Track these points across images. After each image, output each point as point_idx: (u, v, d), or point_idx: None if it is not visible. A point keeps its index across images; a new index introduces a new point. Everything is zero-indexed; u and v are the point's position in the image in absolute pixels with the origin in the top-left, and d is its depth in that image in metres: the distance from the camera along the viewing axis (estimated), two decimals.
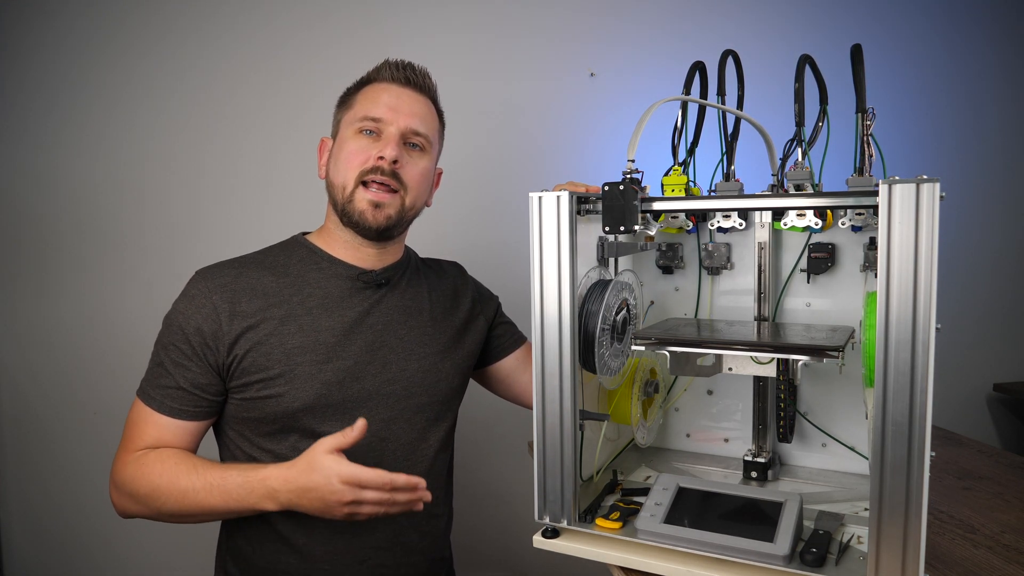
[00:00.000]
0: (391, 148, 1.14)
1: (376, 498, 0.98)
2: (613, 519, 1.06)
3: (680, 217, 1.27)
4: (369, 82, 1.21)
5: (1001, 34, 2.43)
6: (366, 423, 1.00)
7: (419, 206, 1.22)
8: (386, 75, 1.20)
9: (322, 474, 0.98)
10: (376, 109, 1.16)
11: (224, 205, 1.92)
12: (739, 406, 1.35)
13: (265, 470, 1.03)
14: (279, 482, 1.01)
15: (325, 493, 0.98)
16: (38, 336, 1.89)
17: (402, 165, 1.15)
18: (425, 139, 1.19)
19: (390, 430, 1.18)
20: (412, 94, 1.20)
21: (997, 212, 2.47)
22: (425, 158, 1.20)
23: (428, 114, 1.22)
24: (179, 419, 1.11)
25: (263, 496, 1.03)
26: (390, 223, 1.16)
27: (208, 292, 1.11)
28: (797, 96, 1.08)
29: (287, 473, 1.01)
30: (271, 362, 1.10)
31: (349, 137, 1.17)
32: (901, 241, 0.83)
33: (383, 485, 0.97)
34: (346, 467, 0.97)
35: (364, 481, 0.97)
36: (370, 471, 0.98)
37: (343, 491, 0.97)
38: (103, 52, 1.85)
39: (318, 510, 1.01)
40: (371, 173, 1.14)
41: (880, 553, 0.87)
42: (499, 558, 2.12)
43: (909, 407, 0.84)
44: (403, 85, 1.19)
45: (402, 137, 1.16)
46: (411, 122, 1.17)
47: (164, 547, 1.92)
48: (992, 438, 2.54)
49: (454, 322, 1.29)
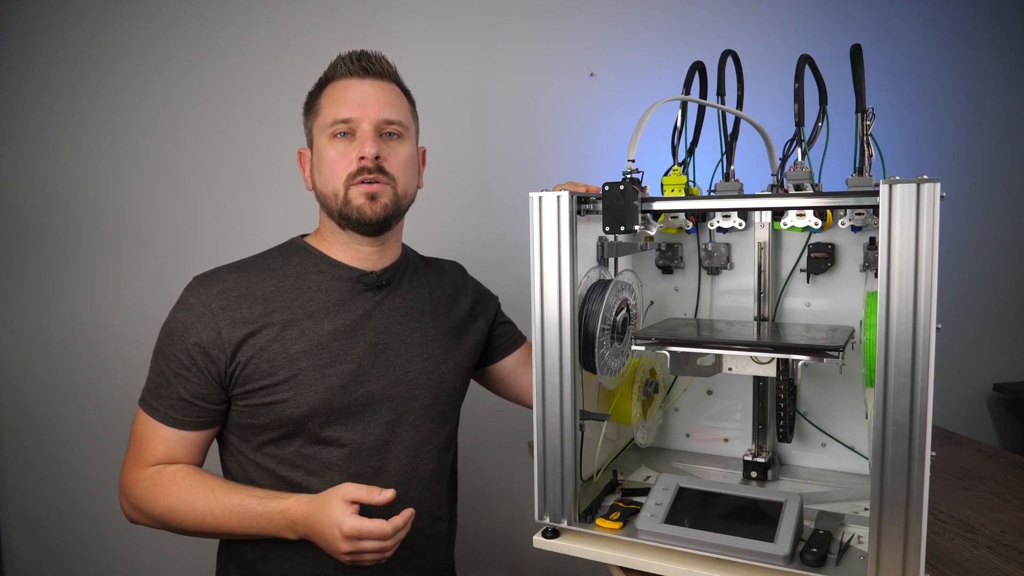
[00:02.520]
0: (369, 145, 1.12)
1: (375, 547, 0.99)
2: (613, 519, 1.06)
3: (680, 217, 1.27)
4: (328, 82, 1.18)
5: (1001, 34, 2.44)
6: (394, 494, 1.00)
7: (411, 192, 1.21)
8: (343, 71, 1.16)
9: (328, 520, 0.99)
10: (343, 110, 1.13)
11: (223, 205, 1.92)
12: (739, 406, 1.35)
13: (286, 501, 1.04)
14: (299, 515, 1.02)
15: (328, 538, 0.99)
16: (37, 337, 1.88)
17: (385, 158, 1.14)
18: (400, 125, 1.17)
19: (394, 433, 1.17)
20: (374, 83, 1.16)
21: (997, 212, 2.47)
22: (405, 144, 1.18)
23: (396, 99, 1.18)
24: (185, 430, 1.11)
25: (283, 527, 1.04)
26: (388, 212, 1.14)
27: (207, 300, 1.10)
28: (797, 96, 1.08)
29: (307, 508, 1.02)
30: (275, 368, 1.09)
31: (325, 144, 1.15)
32: (902, 241, 0.83)
33: (381, 536, 0.98)
34: (348, 520, 0.97)
35: (364, 534, 0.98)
36: (371, 524, 0.98)
37: (342, 544, 0.98)
38: (102, 53, 1.84)
39: (325, 549, 1.02)
40: (358, 175, 1.12)
41: (881, 553, 0.87)
42: (498, 558, 2.12)
43: (910, 407, 0.84)
44: (363, 77, 1.16)
45: (376, 130, 1.14)
46: (381, 113, 1.14)
47: (164, 548, 1.91)
48: (992, 438, 2.54)
49: (455, 322, 1.29)
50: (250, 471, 1.14)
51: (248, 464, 1.14)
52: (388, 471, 1.16)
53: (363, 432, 1.14)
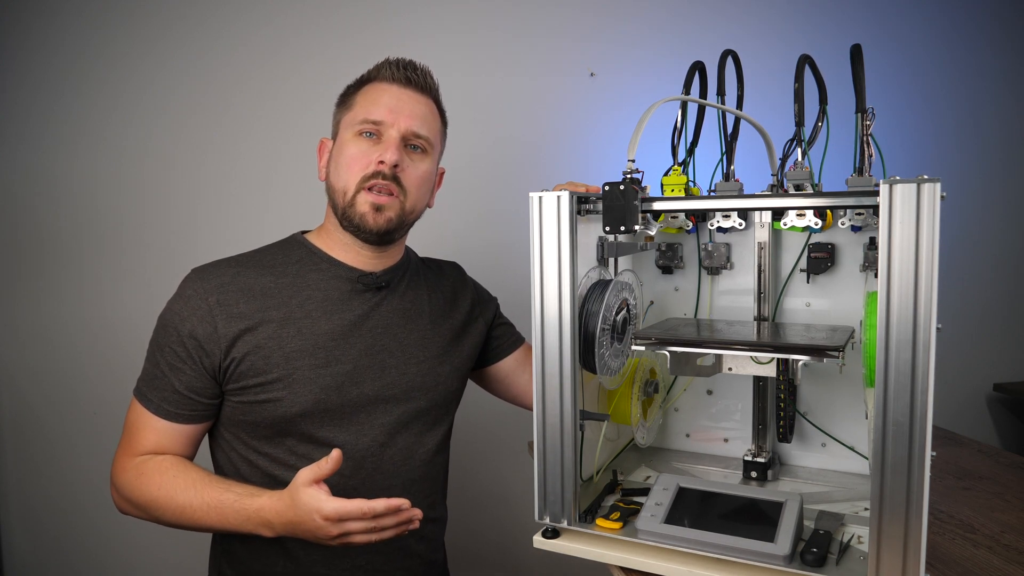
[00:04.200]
0: (391, 152, 1.11)
1: (361, 528, 0.97)
2: (613, 519, 1.06)
3: (680, 217, 1.27)
4: (369, 81, 1.18)
5: (1001, 34, 2.43)
6: (341, 454, 0.98)
7: (419, 209, 1.20)
8: (386, 75, 1.16)
9: (304, 510, 0.97)
10: (376, 111, 1.13)
11: (224, 204, 1.92)
12: (738, 406, 1.35)
13: (260, 499, 1.02)
14: (272, 514, 1.01)
15: (312, 528, 0.97)
16: (38, 336, 1.88)
17: (403, 169, 1.13)
18: (426, 141, 1.17)
19: (388, 435, 1.17)
20: (413, 94, 1.17)
21: (996, 212, 2.47)
22: (426, 160, 1.18)
23: (429, 115, 1.19)
24: (176, 423, 1.10)
25: (259, 525, 1.02)
26: (391, 226, 1.14)
27: (204, 293, 1.10)
28: (797, 96, 1.08)
29: (278, 505, 1.00)
30: (270, 366, 1.09)
31: (349, 140, 1.14)
32: (902, 241, 0.83)
33: (363, 515, 0.95)
34: (325, 503, 0.95)
35: (344, 514, 0.95)
36: (350, 504, 0.95)
37: (326, 527, 0.96)
38: (101, 53, 1.84)
39: (312, 539, 1.00)
40: (372, 178, 1.12)
41: (881, 553, 0.87)
42: (497, 558, 2.12)
43: (910, 407, 0.84)
44: (404, 85, 1.16)
45: (403, 140, 1.14)
46: (412, 124, 1.14)
47: (162, 547, 1.92)
48: (992, 438, 2.54)
49: (453, 324, 1.29)
50: (241, 468, 1.14)
51: (239, 461, 1.14)
52: (382, 472, 1.16)
53: (357, 434, 1.14)
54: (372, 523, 0.96)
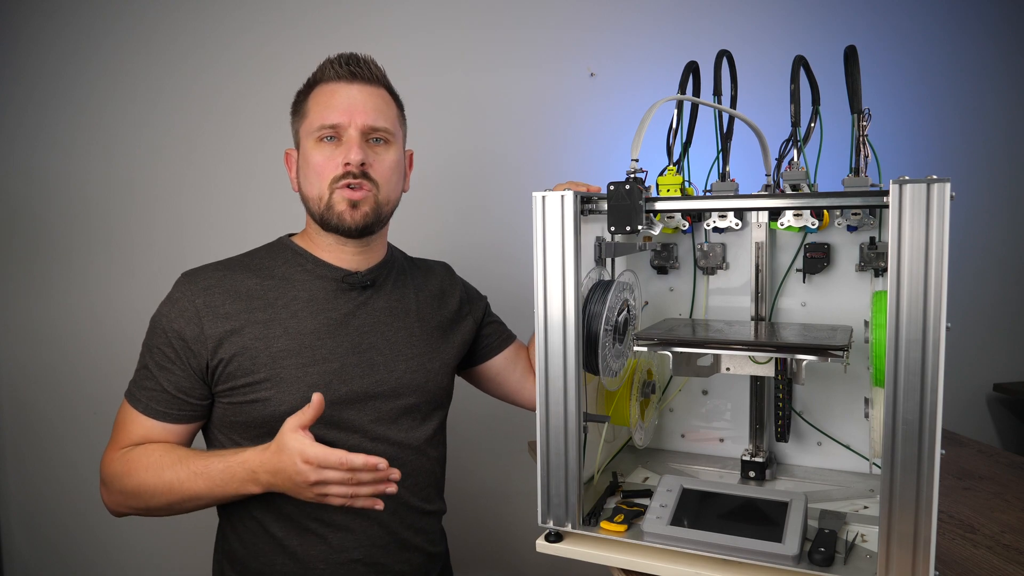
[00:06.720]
0: (355, 152, 1.11)
1: (339, 478, 0.97)
2: (617, 522, 1.05)
3: (676, 217, 1.26)
4: (316, 84, 1.17)
5: (1005, 32, 2.43)
6: (323, 397, 1.00)
7: (395, 198, 1.21)
8: (331, 74, 1.15)
9: (287, 454, 0.98)
10: (330, 115, 1.13)
11: (223, 204, 1.90)
12: (733, 406, 1.35)
13: (244, 453, 1.04)
14: (256, 463, 1.02)
15: (292, 473, 0.98)
16: (36, 337, 1.86)
17: (370, 164, 1.14)
18: (386, 132, 1.16)
19: (378, 431, 1.16)
20: (362, 88, 1.15)
21: (998, 212, 2.47)
22: (391, 150, 1.18)
23: (383, 104, 1.18)
24: (165, 422, 1.11)
25: (245, 479, 1.03)
26: (368, 220, 1.15)
27: (192, 295, 1.11)
28: (793, 97, 1.08)
29: (262, 455, 1.02)
30: (257, 366, 1.10)
31: (311, 148, 1.14)
32: (911, 241, 0.83)
33: (340, 465, 0.96)
34: (309, 447, 0.96)
35: (324, 461, 0.96)
36: (331, 452, 0.96)
37: (306, 471, 0.96)
38: (93, 55, 1.82)
39: (290, 491, 1.01)
40: (342, 179, 1.12)
41: (890, 551, 0.87)
42: (498, 558, 2.10)
43: (920, 406, 0.84)
44: (351, 81, 1.15)
45: (363, 136, 1.14)
46: (368, 119, 1.14)
47: (162, 549, 1.91)
48: (992, 438, 2.55)
49: (441, 322, 1.29)
50: None
51: None
52: None
53: (347, 430, 1.14)
54: (349, 475, 0.97)
